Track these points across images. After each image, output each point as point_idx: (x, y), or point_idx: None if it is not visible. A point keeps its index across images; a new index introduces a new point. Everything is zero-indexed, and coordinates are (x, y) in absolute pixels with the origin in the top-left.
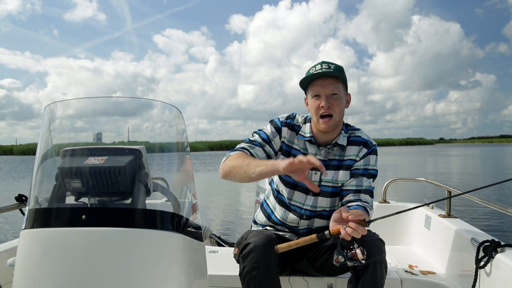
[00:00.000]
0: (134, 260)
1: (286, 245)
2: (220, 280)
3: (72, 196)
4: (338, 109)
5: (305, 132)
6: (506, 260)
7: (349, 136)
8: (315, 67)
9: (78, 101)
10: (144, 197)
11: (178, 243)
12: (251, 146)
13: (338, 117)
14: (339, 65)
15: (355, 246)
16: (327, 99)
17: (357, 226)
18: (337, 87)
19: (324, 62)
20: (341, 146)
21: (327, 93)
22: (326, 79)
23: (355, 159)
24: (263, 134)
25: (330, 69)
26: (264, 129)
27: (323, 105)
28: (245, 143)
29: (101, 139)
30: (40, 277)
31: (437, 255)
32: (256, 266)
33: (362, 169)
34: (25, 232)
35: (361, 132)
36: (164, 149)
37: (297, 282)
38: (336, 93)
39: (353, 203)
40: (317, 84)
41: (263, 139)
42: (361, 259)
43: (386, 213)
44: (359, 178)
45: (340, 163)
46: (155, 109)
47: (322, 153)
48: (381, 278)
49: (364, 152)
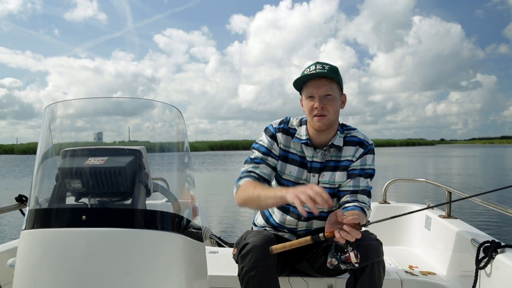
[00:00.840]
0: (134, 260)
1: (281, 246)
2: (220, 280)
3: (72, 197)
4: (332, 109)
5: (301, 135)
6: (506, 261)
7: (345, 137)
8: (309, 68)
9: (79, 101)
10: (144, 197)
11: (178, 244)
12: (255, 166)
13: (333, 117)
14: (333, 66)
15: (349, 249)
16: (321, 100)
17: (351, 229)
18: (331, 88)
19: (319, 63)
20: (337, 147)
21: (321, 94)
22: (320, 80)
23: (351, 159)
24: (262, 147)
25: (324, 69)
26: (261, 141)
27: (317, 106)
28: (248, 164)
29: (101, 139)
30: (40, 278)
31: (437, 255)
32: (255, 266)
33: (359, 169)
34: (25, 232)
35: (357, 131)
36: (164, 149)
37: (297, 282)
38: (330, 94)
39: (350, 204)
40: (311, 85)
41: (263, 153)
42: (354, 262)
43: (386, 214)
44: (356, 178)
45: (337, 164)
46: (155, 109)
47: (319, 155)
48: (379, 279)
49: (360, 152)
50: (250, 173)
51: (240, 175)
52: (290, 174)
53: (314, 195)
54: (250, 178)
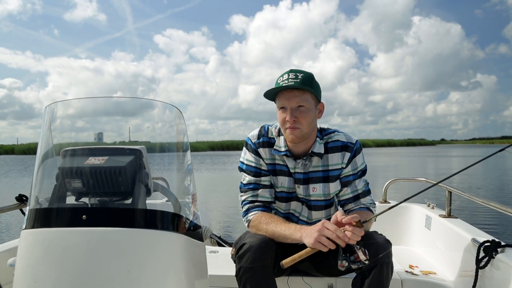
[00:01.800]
0: (135, 260)
1: (290, 260)
2: (220, 280)
3: (73, 196)
4: (306, 121)
5: (280, 146)
6: (506, 260)
7: (327, 142)
8: (283, 77)
9: (79, 101)
10: (145, 197)
11: (179, 243)
12: (253, 194)
13: (306, 129)
14: (308, 74)
15: (356, 248)
16: (292, 113)
17: (353, 228)
18: (303, 99)
19: (292, 71)
20: (318, 155)
21: (293, 106)
22: (291, 91)
23: (341, 167)
24: (251, 168)
25: (297, 79)
26: (247, 160)
27: (288, 119)
28: (245, 193)
29: (102, 139)
30: (40, 277)
31: (438, 255)
32: (252, 267)
33: (352, 174)
34: (25, 232)
35: (338, 134)
36: (165, 149)
37: (297, 282)
38: (303, 105)
39: (356, 208)
40: (282, 96)
41: (254, 175)
42: (364, 260)
43: (387, 213)
44: (353, 184)
45: (326, 174)
46: (155, 109)
47: (300, 165)
48: (386, 280)
49: (348, 157)
50: (253, 203)
51: (243, 206)
52: (282, 186)
53: (334, 238)
54: (257, 210)
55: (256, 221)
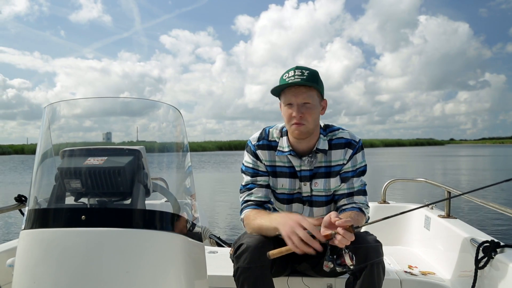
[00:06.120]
0: (134, 260)
1: (277, 251)
2: (219, 280)
3: (72, 197)
4: (311, 118)
5: (283, 147)
6: (505, 261)
7: (331, 139)
8: (288, 73)
9: (78, 101)
10: (144, 197)
11: (178, 244)
12: (249, 193)
13: (311, 125)
14: (313, 71)
15: (344, 252)
16: (299, 109)
17: (345, 232)
18: (309, 96)
19: (298, 68)
20: (323, 151)
21: (299, 102)
22: (298, 88)
23: (343, 163)
24: (249, 169)
25: (303, 76)
26: (246, 162)
27: (295, 115)
28: (243, 193)
29: (110, 139)
30: (39, 278)
31: (437, 255)
32: (249, 267)
33: (351, 171)
34: (24, 232)
35: (342, 131)
36: (164, 149)
37: (296, 282)
38: (309, 102)
39: (348, 206)
40: (289, 93)
41: (252, 175)
42: (349, 265)
43: (385, 214)
44: (350, 180)
45: (329, 169)
46: (155, 110)
47: (306, 162)
48: (378, 280)
49: (350, 153)
50: (247, 202)
51: (241, 206)
52: (283, 187)
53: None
54: (248, 208)
55: (246, 219)
